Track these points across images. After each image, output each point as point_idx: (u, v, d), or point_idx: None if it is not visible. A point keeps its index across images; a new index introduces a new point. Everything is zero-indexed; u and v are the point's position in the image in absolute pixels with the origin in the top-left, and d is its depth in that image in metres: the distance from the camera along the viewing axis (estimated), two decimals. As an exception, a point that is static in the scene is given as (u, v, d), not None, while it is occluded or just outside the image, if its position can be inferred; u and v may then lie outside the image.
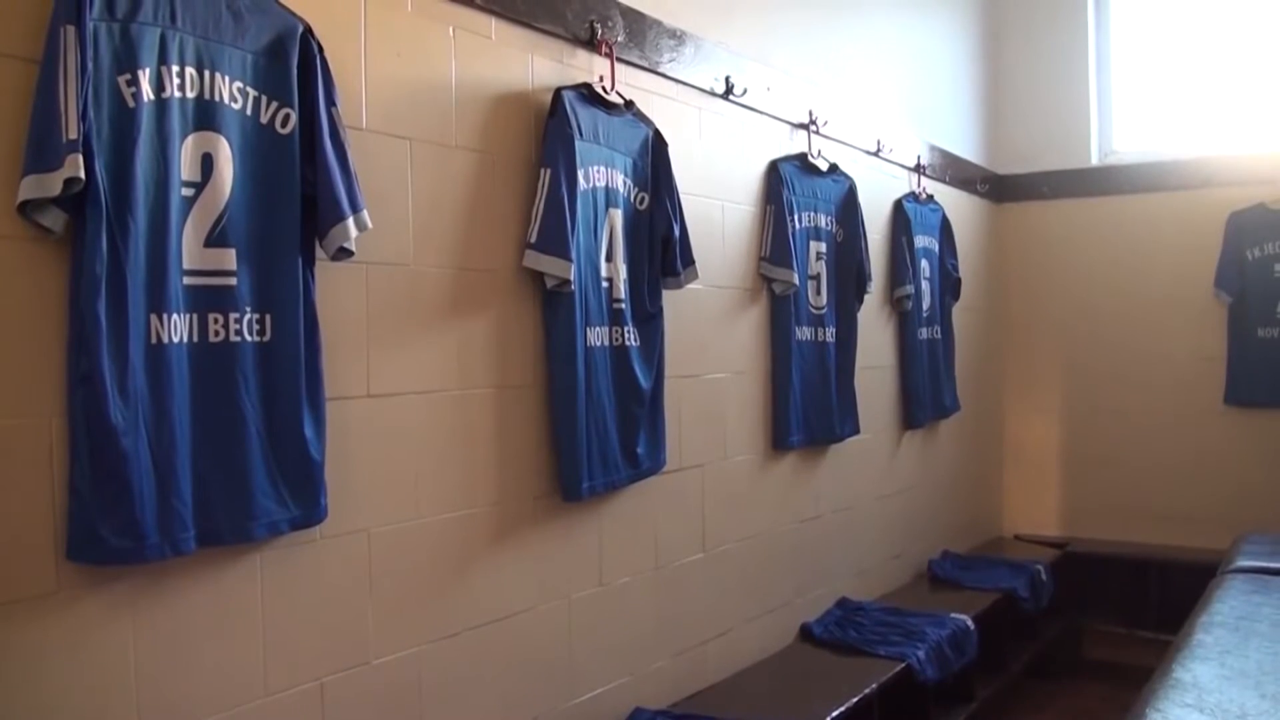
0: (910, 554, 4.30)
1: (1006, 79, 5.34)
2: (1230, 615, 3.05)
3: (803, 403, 3.42)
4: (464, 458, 2.28)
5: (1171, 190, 4.99)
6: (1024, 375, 5.36)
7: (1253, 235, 4.81)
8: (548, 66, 2.51)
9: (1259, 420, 4.81)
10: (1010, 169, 5.31)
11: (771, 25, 3.43)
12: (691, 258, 2.81)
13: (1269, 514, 4.58)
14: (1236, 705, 2.31)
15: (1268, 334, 4.78)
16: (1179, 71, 5.18)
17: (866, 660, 3.21)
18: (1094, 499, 5.16)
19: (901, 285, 4.10)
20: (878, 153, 4.00)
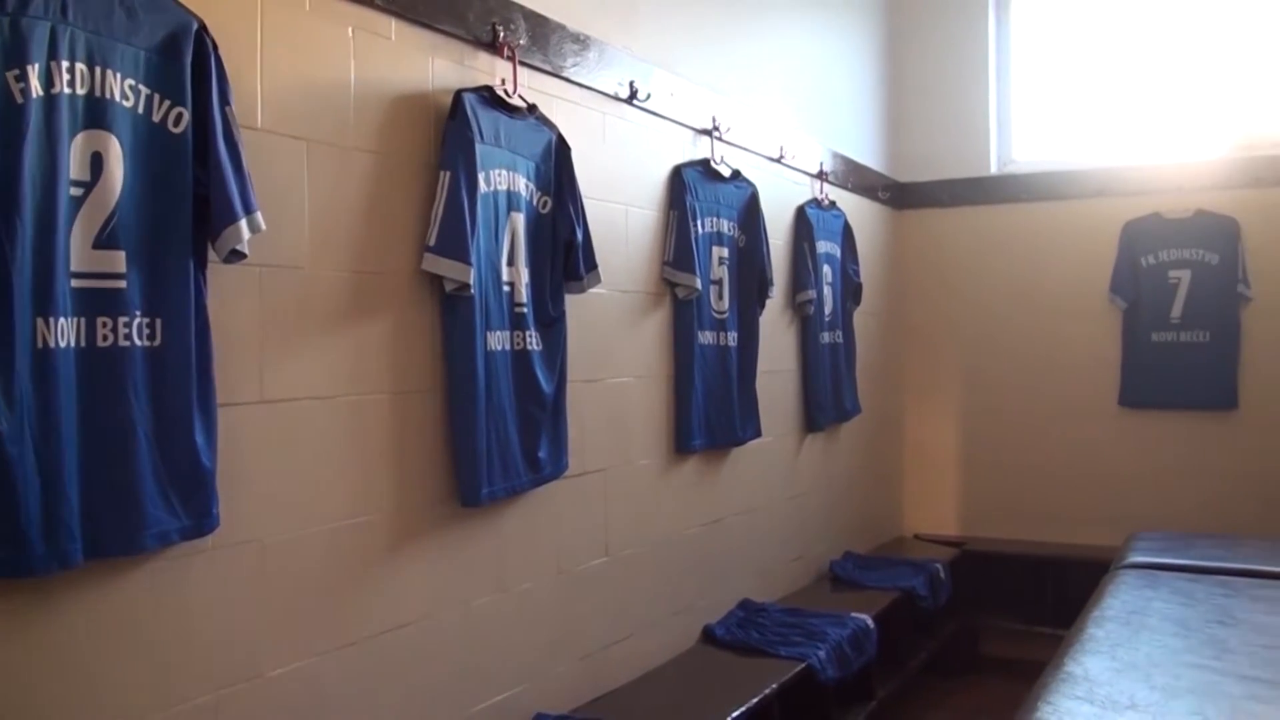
0: (812, 555, 4.36)
1: (908, 89, 5.44)
2: (1122, 610, 3.14)
3: (705, 406, 3.44)
4: (361, 464, 2.25)
5: (1068, 199, 5.14)
6: (924, 378, 5.47)
7: (1147, 243, 4.98)
8: (448, 68, 2.49)
9: (1152, 421, 4.98)
10: (911, 176, 5.41)
11: (676, 32, 3.45)
12: (594, 262, 2.81)
13: (1161, 512, 4.74)
14: (1126, 696, 2.38)
15: (1162, 338, 4.95)
16: (1077, 84, 5.33)
17: (768, 661, 3.24)
18: (992, 499, 5.28)
19: (803, 290, 4.16)
20: (780, 159, 4.04)
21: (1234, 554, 3.84)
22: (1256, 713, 2.32)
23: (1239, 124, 4.94)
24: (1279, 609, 3.14)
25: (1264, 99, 4.92)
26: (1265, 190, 4.78)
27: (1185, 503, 4.82)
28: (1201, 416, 4.89)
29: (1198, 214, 4.89)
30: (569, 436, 2.79)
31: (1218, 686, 2.46)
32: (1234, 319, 4.83)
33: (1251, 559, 3.76)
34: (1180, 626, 2.96)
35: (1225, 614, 3.09)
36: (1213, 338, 4.86)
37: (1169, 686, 2.45)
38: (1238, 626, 2.97)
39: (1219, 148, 4.96)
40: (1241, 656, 2.69)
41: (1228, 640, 2.83)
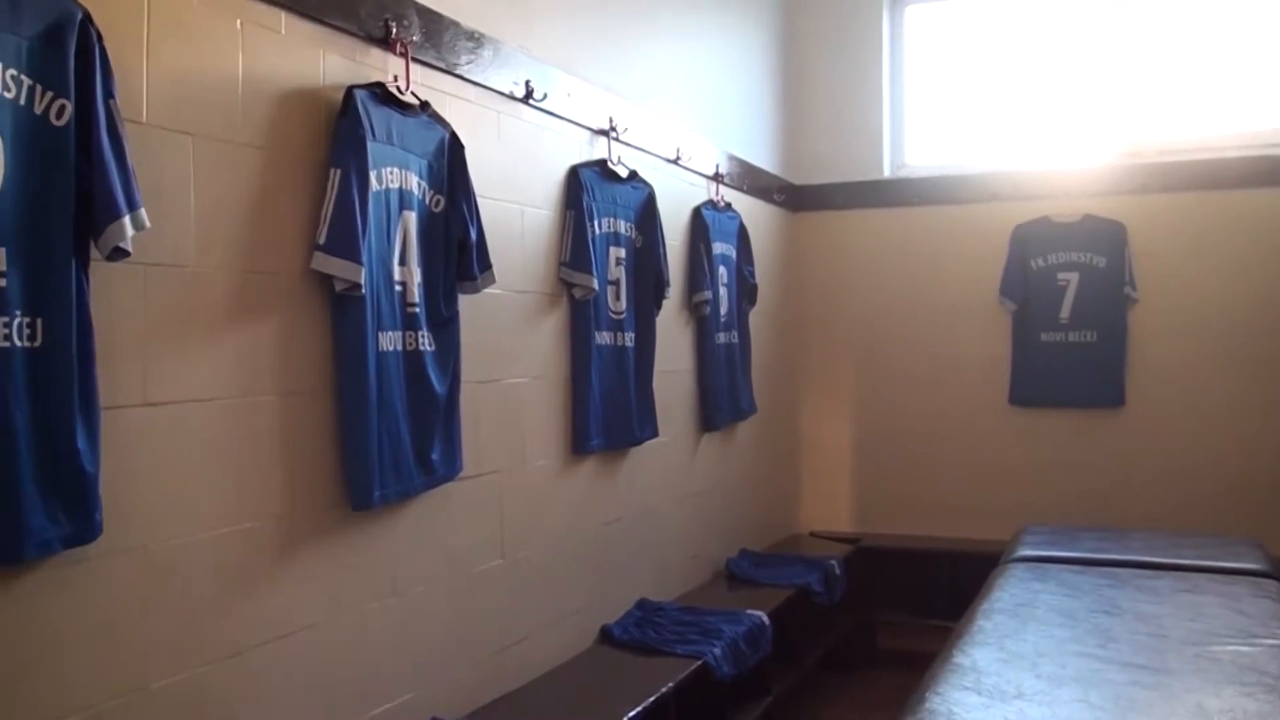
0: (709, 553, 4.39)
1: (803, 93, 5.51)
2: (1010, 602, 3.23)
3: (602, 407, 3.44)
4: (249, 468, 2.20)
5: (960, 203, 5.26)
6: (819, 378, 5.55)
7: (1036, 246, 5.12)
8: (340, 64, 2.44)
9: (1040, 419, 5.13)
10: (806, 179, 5.48)
11: (572, 31, 3.44)
12: (489, 262, 2.79)
13: (1050, 506, 4.91)
14: (1013, 686, 2.44)
15: (1051, 338, 5.10)
16: (969, 90, 5.47)
17: (664, 660, 3.24)
18: (886, 495, 5.38)
19: (700, 291, 4.18)
20: (677, 161, 4.06)
21: (1120, 546, 3.98)
22: (1139, 698, 2.40)
23: (1126, 131, 5.11)
24: (1162, 599, 3.26)
25: (1150, 107, 5.10)
26: (1151, 196, 4.95)
27: (1074, 497, 4.97)
28: (1089, 414, 5.05)
29: (1086, 218, 5.05)
30: (463, 438, 2.76)
31: (1102, 674, 2.54)
32: (1121, 320, 4.99)
33: (1136, 551, 3.90)
34: (1066, 617, 3.05)
35: (1110, 604, 3.20)
36: (1100, 338, 5.02)
37: (1055, 675, 2.52)
38: (1122, 616, 3.07)
39: (1106, 154, 5.12)
40: (1125, 645, 2.78)
41: (1112, 629, 2.93)
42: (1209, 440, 4.85)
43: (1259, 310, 4.78)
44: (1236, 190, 4.81)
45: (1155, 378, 4.94)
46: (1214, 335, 4.85)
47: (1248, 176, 4.80)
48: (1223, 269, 4.84)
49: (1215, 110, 5.02)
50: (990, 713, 2.28)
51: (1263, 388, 4.78)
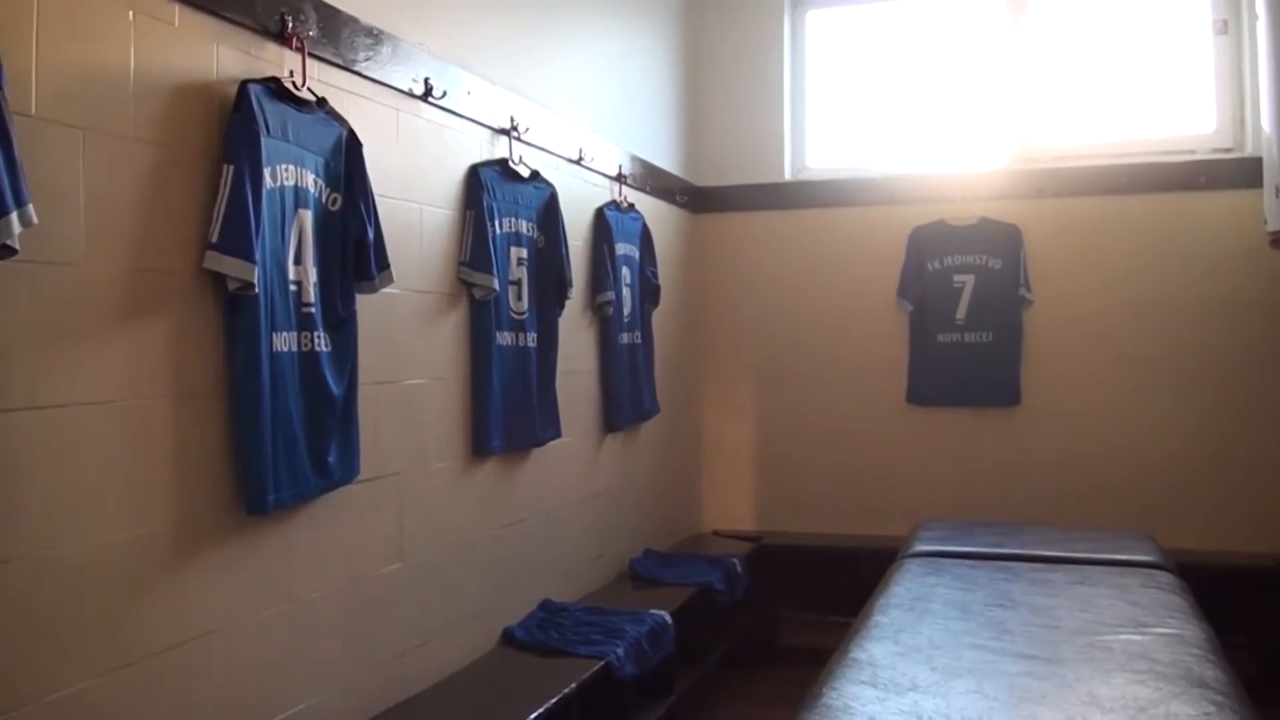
0: (612, 554, 4.39)
1: (706, 95, 5.55)
2: (906, 597, 3.28)
3: (503, 408, 3.41)
4: (140, 473, 2.13)
5: (859, 206, 5.34)
6: (722, 378, 5.59)
7: (933, 249, 5.22)
8: (234, 58, 2.38)
9: (937, 418, 5.23)
10: (708, 181, 5.52)
11: (473, 29, 3.41)
12: (386, 261, 2.75)
13: (947, 503, 5.02)
14: (908, 679, 2.48)
15: (947, 339, 5.21)
16: (869, 95, 5.55)
17: (567, 661, 3.23)
18: (788, 493, 5.44)
19: (602, 291, 4.18)
20: (580, 161, 4.05)
21: (1014, 540, 4.07)
22: (1032, 688, 2.45)
23: (1021, 137, 5.24)
24: (1056, 591, 3.34)
25: (1044, 114, 5.25)
26: (1045, 200, 5.09)
27: (970, 493, 5.09)
28: (985, 412, 5.17)
29: (981, 221, 5.17)
30: (360, 440, 2.71)
31: (995, 665, 2.60)
32: (1016, 320, 5.11)
33: (1031, 545, 3.99)
34: (962, 610, 3.11)
35: (1005, 597, 3.27)
36: (996, 338, 5.14)
37: (949, 667, 2.57)
38: (1016, 609, 3.14)
39: (1002, 159, 5.25)
40: (1019, 636, 2.84)
41: (1006, 621, 2.99)
42: (1101, 437, 5.00)
43: (1147, 311, 4.95)
44: (1126, 195, 4.97)
45: (1049, 377, 5.08)
46: (1105, 335, 5.00)
47: (1137, 182, 4.96)
48: (1114, 271, 5.00)
49: (1107, 119, 5.19)
50: (885, 706, 2.31)
51: (1152, 386, 4.94)
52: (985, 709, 2.30)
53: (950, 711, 2.27)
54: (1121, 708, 2.30)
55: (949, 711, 2.27)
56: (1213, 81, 5.01)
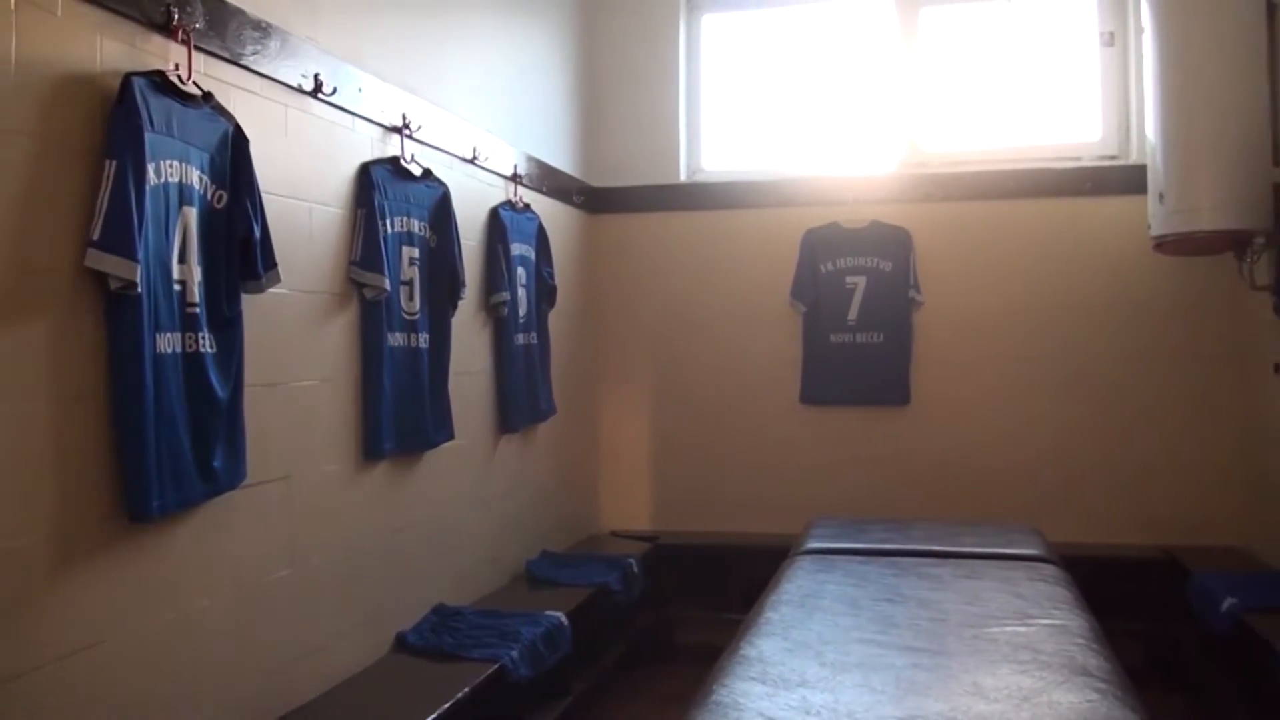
0: (508, 556, 4.36)
1: (602, 96, 5.55)
2: (797, 593, 3.31)
3: (395, 410, 3.37)
4: (18, 480, 2.05)
5: (753, 208, 5.41)
6: (619, 378, 5.60)
7: (826, 251, 5.31)
8: (118, 50, 2.31)
9: (830, 417, 5.32)
10: (605, 182, 5.52)
11: (365, 25, 3.36)
12: (274, 260, 2.69)
13: (840, 500, 5.09)
14: (797, 675, 2.51)
15: (839, 339, 5.30)
16: (763, 98, 5.62)
17: (461, 665, 3.20)
18: (684, 493, 5.48)
19: (497, 292, 4.15)
20: (474, 160, 4.02)
21: (904, 536, 4.15)
22: (918, 680, 2.50)
23: (911, 142, 5.37)
24: (943, 585, 3.41)
25: (933, 120, 5.38)
26: (934, 204, 5.22)
27: (862, 491, 5.18)
28: (877, 411, 5.27)
29: (873, 224, 5.27)
30: (247, 444, 2.65)
31: (883, 659, 2.64)
32: (906, 321, 5.23)
33: (919, 540, 4.07)
34: (851, 606, 3.16)
35: (893, 592, 3.33)
36: (886, 339, 5.25)
37: (838, 662, 2.61)
38: (904, 603, 3.20)
39: (892, 164, 5.37)
40: (906, 630, 2.90)
41: (894, 616, 3.05)
42: (990, 435, 5.14)
43: (1035, 312, 5.11)
44: (1014, 200, 5.13)
45: (938, 376, 5.21)
46: (992, 335, 5.15)
47: (1025, 188, 5.12)
48: (1002, 274, 5.15)
49: (996, 126, 5.35)
50: (774, 701, 2.34)
51: (1040, 385, 5.11)
52: (872, 702, 2.34)
53: (837, 705, 2.31)
54: (1005, 697, 2.36)
55: (836, 705, 2.31)
56: (1099, 91, 5.21)
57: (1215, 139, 4.25)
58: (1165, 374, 4.99)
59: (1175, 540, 4.84)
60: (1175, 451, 4.98)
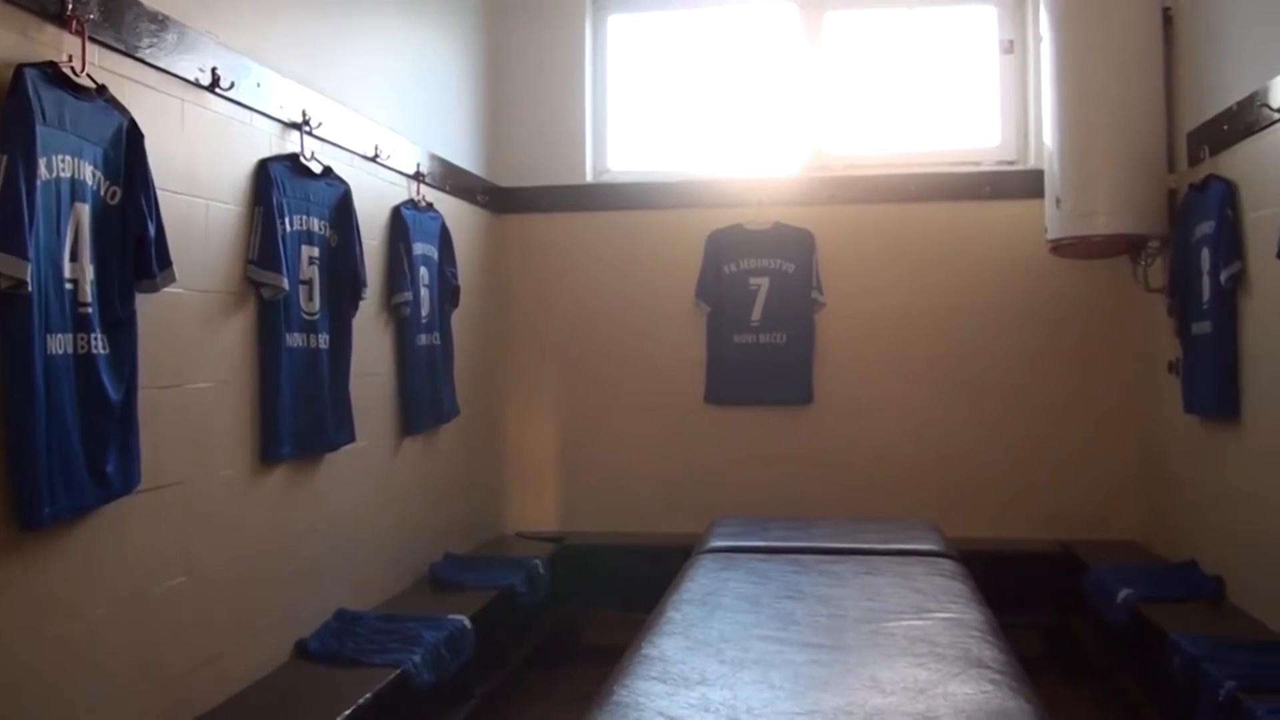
0: (412, 559, 4.32)
1: (508, 96, 5.52)
2: (699, 592, 3.34)
3: (294, 412, 3.30)
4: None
5: (659, 209, 5.44)
6: (525, 379, 5.58)
7: (730, 252, 5.36)
8: (9, 40, 2.23)
9: (735, 416, 5.38)
10: (510, 181, 5.50)
11: (265, 19, 3.29)
12: (169, 259, 2.62)
13: (744, 499, 5.14)
14: (697, 673, 2.53)
15: (743, 340, 5.36)
16: (669, 100, 5.66)
17: (362, 671, 3.15)
18: (590, 493, 5.49)
19: (399, 292, 4.10)
20: (376, 158, 3.97)
21: (806, 534, 4.21)
22: (817, 675, 2.55)
23: (814, 145, 5.45)
24: (843, 581, 3.47)
25: (836, 124, 5.48)
26: (836, 207, 5.31)
27: (766, 490, 5.25)
28: (780, 411, 5.35)
29: (776, 226, 5.34)
30: (142, 448, 2.58)
31: (782, 655, 2.68)
32: (808, 322, 5.32)
33: (821, 537, 4.14)
34: (752, 604, 3.19)
35: (794, 589, 3.38)
36: (789, 339, 5.32)
37: (738, 659, 2.64)
38: (804, 600, 3.25)
39: (796, 166, 5.45)
40: (806, 627, 2.94)
41: (795, 613, 3.09)
42: (891, 433, 5.25)
43: (932, 312, 5.24)
44: (915, 203, 5.26)
45: (840, 376, 5.30)
46: (893, 336, 5.27)
47: (925, 191, 5.25)
48: (903, 275, 5.27)
49: (897, 130, 5.47)
50: (674, 700, 2.36)
51: (938, 384, 5.24)
52: (770, 698, 2.37)
53: (736, 702, 2.34)
54: (901, 690, 2.41)
55: (735, 702, 2.34)
56: (998, 98, 5.37)
57: (1111, 145, 4.41)
58: (1063, 373, 5.16)
59: (1073, 535, 5.00)
60: (1072, 449, 5.15)
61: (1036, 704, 2.37)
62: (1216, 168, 3.99)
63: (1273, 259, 3.36)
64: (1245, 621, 3.64)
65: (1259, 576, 3.70)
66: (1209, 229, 3.97)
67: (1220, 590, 3.92)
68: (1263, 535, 3.65)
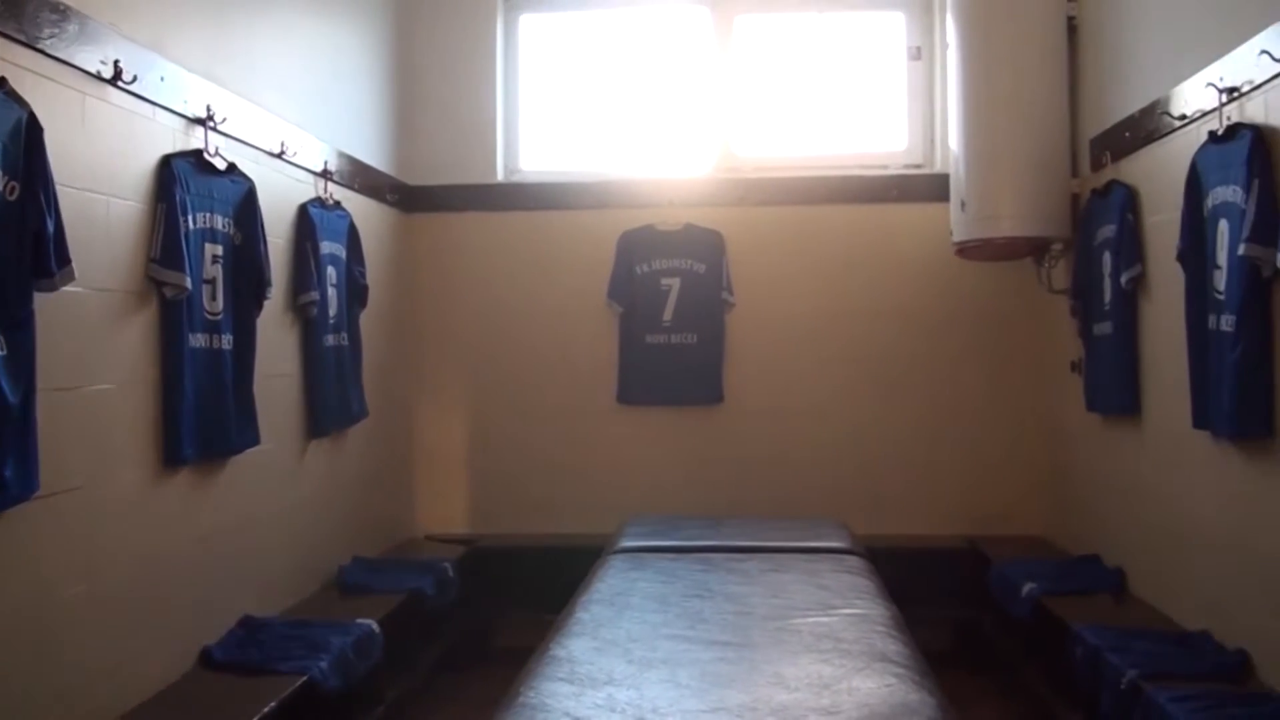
0: (320, 563, 4.25)
1: (418, 94, 5.47)
2: (608, 592, 3.35)
3: (197, 414, 3.22)
4: None
5: (571, 209, 5.44)
6: (435, 380, 5.53)
7: (641, 253, 5.38)
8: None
9: (647, 416, 5.40)
10: (420, 180, 5.44)
11: (169, 12, 3.21)
12: (68, 257, 2.54)
13: (656, 499, 5.16)
14: (604, 673, 2.54)
15: (655, 340, 5.38)
16: (581, 100, 5.66)
17: (268, 679, 3.09)
18: (502, 495, 5.45)
19: (305, 291, 4.03)
20: (282, 155, 3.90)
21: (715, 533, 4.24)
22: (723, 673, 2.57)
23: (725, 147, 5.50)
24: (751, 579, 3.51)
25: (747, 126, 5.53)
26: (746, 208, 5.37)
27: (678, 489, 5.28)
28: (692, 411, 5.39)
29: (687, 227, 5.37)
30: (40, 453, 2.49)
31: (690, 654, 2.70)
32: (719, 322, 5.36)
33: (730, 536, 4.18)
34: (660, 603, 3.21)
35: (703, 588, 3.40)
36: (700, 339, 5.36)
37: (645, 659, 2.65)
38: (713, 598, 3.28)
39: (707, 168, 5.49)
40: (714, 625, 2.97)
41: (703, 611, 3.12)
42: (800, 432, 5.32)
43: (841, 313, 5.32)
44: (824, 205, 5.33)
45: (751, 376, 5.36)
46: (802, 336, 5.34)
47: (834, 194, 5.33)
48: (812, 277, 5.35)
49: (807, 133, 5.55)
50: (580, 701, 2.36)
51: (847, 383, 5.33)
52: (676, 696, 2.39)
53: (642, 701, 2.35)
54: (806, 686, 2.45)
55: (641, 701, 2.35)
56: (906, 102, 5.47)
57: (1015, 150, 4.53)
58: (968, 373, 5.28)
59: (980, 531, 5.12)
60: (978, 447, 5.27)
61: (939, 697, 2.42)
62: (1118, 173, 4.12)
63: (1171, 262, 3.49)
64: (1146, 612, 3.77)
65: (1158, 568, 3.83)
66: (1110, 233, 4.10)
67: (1122, 582, 4.06)
68: (1162, 529, 3.78)
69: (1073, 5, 4.63)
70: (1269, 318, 2.97)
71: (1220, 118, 3.20)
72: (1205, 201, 3.27)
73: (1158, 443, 3.85)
